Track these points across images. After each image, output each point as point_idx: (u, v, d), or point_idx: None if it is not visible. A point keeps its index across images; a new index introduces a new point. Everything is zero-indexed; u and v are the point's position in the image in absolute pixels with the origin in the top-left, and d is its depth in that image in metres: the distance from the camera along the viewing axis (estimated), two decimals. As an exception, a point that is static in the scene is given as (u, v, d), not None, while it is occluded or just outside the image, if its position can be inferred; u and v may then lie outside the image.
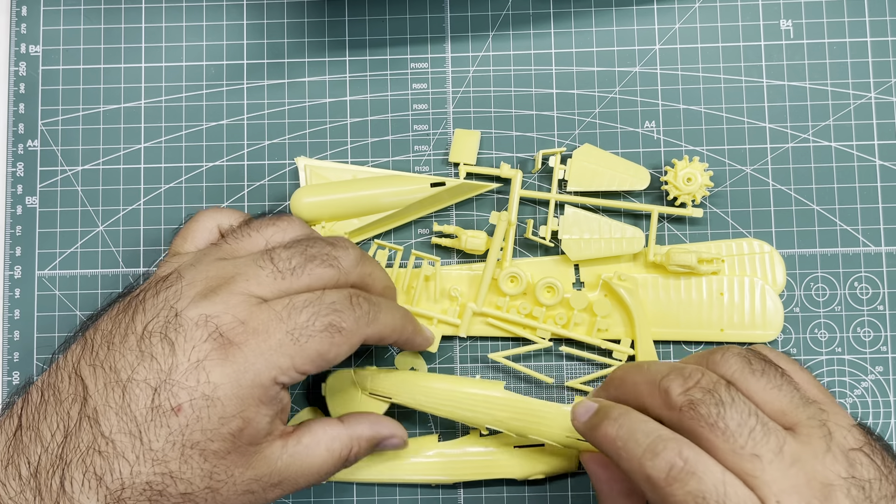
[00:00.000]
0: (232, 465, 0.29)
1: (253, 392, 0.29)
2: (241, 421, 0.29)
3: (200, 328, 0.29)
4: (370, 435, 0.35)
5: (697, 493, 0.26)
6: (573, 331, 0.40)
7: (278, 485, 0.31)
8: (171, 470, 0.28)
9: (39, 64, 0.43)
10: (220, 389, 0.28)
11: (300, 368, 0.30)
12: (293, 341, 0.30)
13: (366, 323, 0.32)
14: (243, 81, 0.42)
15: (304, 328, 0.30)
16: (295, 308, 0.30)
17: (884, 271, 0.41)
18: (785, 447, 0.27)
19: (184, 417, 0.28)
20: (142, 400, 0.28)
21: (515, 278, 0.39)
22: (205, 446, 0.28)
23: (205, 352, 0.29)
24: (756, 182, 0.41)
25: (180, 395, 0.28)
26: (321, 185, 0.40)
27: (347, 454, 0.33)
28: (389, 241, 0.41)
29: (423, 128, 0.42)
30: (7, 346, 0.41)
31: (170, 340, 0.29)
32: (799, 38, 0.42)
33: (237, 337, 0.29)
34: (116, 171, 0.42)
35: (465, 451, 0.39)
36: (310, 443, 0.32)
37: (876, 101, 0.41)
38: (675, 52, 0.42)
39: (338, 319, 0.30)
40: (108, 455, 0.28)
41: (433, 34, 0.42)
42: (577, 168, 0.40)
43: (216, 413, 0.28)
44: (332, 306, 0.31)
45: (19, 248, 0.42)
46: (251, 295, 0.30)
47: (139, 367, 0.28)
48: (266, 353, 0.29)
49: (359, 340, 0.31)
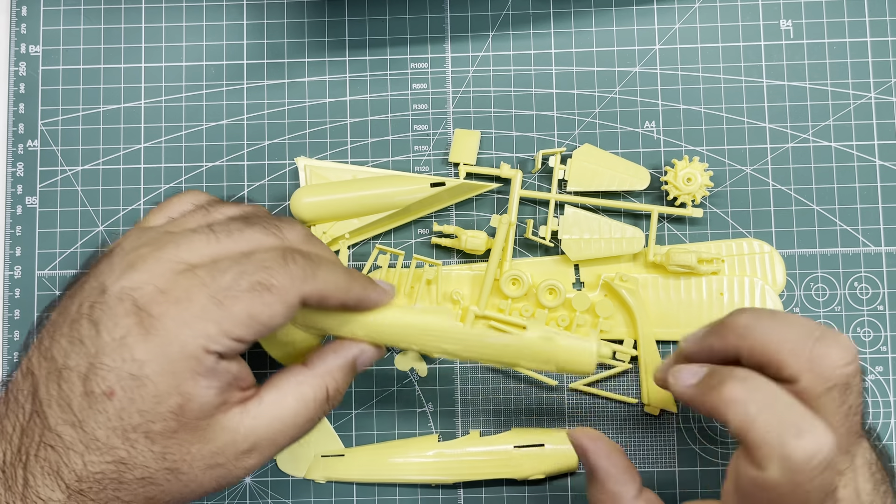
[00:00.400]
0: (185, 443, 0.27)
1: (184, 365, 0.27)
2: (180, 397, 0.27)
3: (122, 303, 0.27)
4: (340, 363, 0.32)
5: (830, 485, 0.25)
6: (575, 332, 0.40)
7: (251, 451, 0.29)
8: (122, 457, 0.27)
9: (39, 64, 0.43)
10: (146, 367, 0.27)
11: (232, 334, 0.27)
12: (217, 305, 0.27)
13: (301, 279, 0.29)
14: (243, 81, 0.42)
15: (229, 289, 0.28)
16: (219, 270, 0.28)
17: (884, 271, 0.41)
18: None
19: (117, 401, 0.27)
20: (76, 388, 0.27)
21: (517, 281, 0.39)
22: (147, 428, 0.27)
23: (126, 328, 0.27)
24: (756, 182, 0.41)
25: (109, 377, 0.27)
26: (321, 185, 0.40)
27: (323, 395, 0.31)
28: (389, 240, 0.41)
29: (422, 128, 0.42)
30: (7, 346, 0.41)
31: (94, 321, 0.27)
32: (799, 38, 0.42)
33: (157, 308, 0.27)
34: (116, 171, 0.42)
35: (465, 451, 0.39)
36: (274, 398, 0.30)
37: (876, 101, 0.41)
38: (674, 52, 0.42)
39: (266, 277, 0.28)
40: (58, 448, 0.27)
41: (433, 34, 0.42)
42: (577, 168, 0.40)
43: (148, 392, 0.27)
44: (260, 264, 0.28)
45: (19, 248, 0.42)
46: (178, 261, 0.28)
47: (71, 353, 0.27)
48: (190, 322, 0.27)
49: (296, 299, 0.29)
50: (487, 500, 0.40)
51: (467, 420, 0.40)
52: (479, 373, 0.41)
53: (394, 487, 0.40)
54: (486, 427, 0.40)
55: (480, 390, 0.41)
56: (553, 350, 0.33)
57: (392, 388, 0.41)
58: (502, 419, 0.40)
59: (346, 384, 0.32)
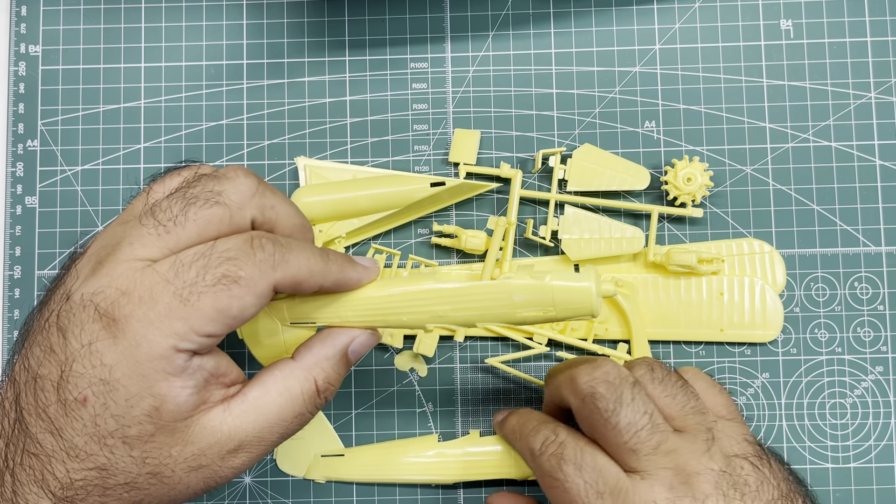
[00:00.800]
0: (164, 446, 0.27)
1: (153, 366, 0.26)
2: (153, 399, 0.26)
3: (85, 309, 0.27)
4: (329, 352, 0.30)
5: (559, 455, 0.31)
6: (570, 335, 0.40)
7: (238, 450, 0.28)
8: (102, 464, 0.26)
9: (39, 64, 0.42)
10: (115, 371, 0.26)
11: (201, 331, 0.26)
12: (182, 302, 0.26)
13: (270, 266, 0.27)
14: (243, 81, 0.42)
15: (194, 285, 0.26)
16: (182, 265, 0.27)
17: (884, 271, 0.41)
18: (664, 444, 0.30)
19: (91, 407, 0.26)
20: (51, 396, 0.26)
21: (515, 278, 0.39)
22: (124, 433, 0.26)
23: (93, 333, 0.26)
24: (756, 182, 0.41)
25: (81, 384, 0.26)
26: (321, 185, 0.40)
27: (312, 388, 0.29)
28: (389, 240, 0.41)
29: (422, 128, 0.42)
30: (7, 346, 0.41)
31: (62, 328, 0.27)
32: (799, 38, 0.42)
33: (121, 311, 0.26)
34: (116, 171, 0.42)
35: (465, 452, 0.39)
36: (258, 394, 0.29)
37: (876, 101, 0.41)
38: (675, 52, 0.42)
39: (233, 268, 0.27)
40: (41, 456, 0.26)
41: (433, 34, 0.42)
42: (577, 168, 0.40)
43: (120, 397, 0.26)
44: (224, 254, 0.27)
45: (19, 248, 0.42)
46: (135, 259, 0.27)
47: (43, 362, 0.27)
48: (156, 322, 0.26)
49: (266, 289, 0.28)
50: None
51: (467, 420, 0.40)
52: (479, 373, 0.41)
53: (394, 487, 0.40)
54: (486, 427, 0.40)
55: (480, 390, 0.41)
56: (548, 291, 0.30)
57: (392, 388, 0.41)
58: (502, 419, 0.40)
59: (339, 375, 0.31)
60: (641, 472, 0.30)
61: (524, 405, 0.40)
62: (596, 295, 0.30)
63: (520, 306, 0.30)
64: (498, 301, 0.30)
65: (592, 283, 0.30)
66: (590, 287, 0.30)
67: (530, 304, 0.30)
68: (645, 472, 0.30)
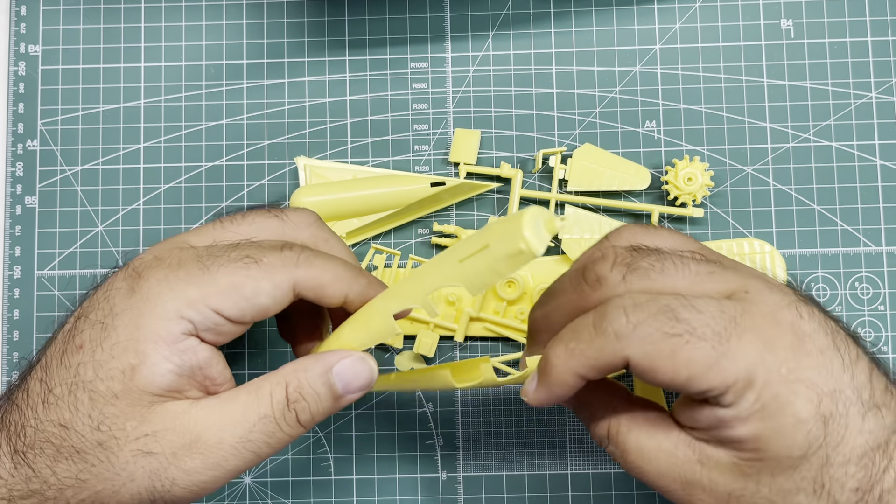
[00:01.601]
0: (121, 416, 0.26)
1: (152, 323, 0.26)
2: (134, 355, 0.26)
3: (124, 270, 0.28)
4: (311, 365, 0.28)
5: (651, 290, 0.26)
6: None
7: (192, 447, 0.26)
8: (64, 418, 0.26)
9: (39, 63, 0.42)
10: (118, 318, 0.26)
11: (211, 302, 0.26)
12: (202, 270, 0.27)
13: (294, 262, 0.27)
14: (243, 81, 0.42)
15: (217, 258, 0.27)
16: (217, 245, 0.28)
17: (884, 271, 0.40)
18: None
19: (82, 353, 0.26)
20: (58, 343, 0.27)
21: (513, 283, 0.39)
22: (94, 387, 0.26)
23: (117, 284, 0.27)
24: (757, 182, 0.41)
25: (85, 330, 0.27)
26: (321, 185, 0.40)
27: (282, 392, 0.27)
28: (389, 240, 0.41)
29: (423, 127, 0.42)
30: (6, 347, 0.41)
31: (96, 288, 0.28)
32: (800, 38, 0.42)
33: (148, 269, 0.27)
34: (116, 170, 0.42)
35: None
36: (230, 395, 0.27)
37: (877, 101, 0.41)
38: (675, 52, 0.42)
39: (257, 252, 0.27)
40: (22, 405, 0.27)
41: (433, 34, 0.42)
42: (578, 168, 0.40)
43: (108, 343, 0.26)
44: (256, 244, 0.28)
45: (18, 248, 0.42)
46: (184, 242, 0.29)
47: (69, 318, 0.28)
48: (172, 283, 0.27)
49: (285, 281, 0.27)
50: (488, 500, 0.40)
51: (467, 420, 0.40)
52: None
53: (393, 487, 0.40)
54: (487, 427, 0.40)
55: (480, 390, 0.41)
56: (486, 229, 0.26)
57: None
58: (503, 419, 0.40)
59: (315, 392, 0.28)
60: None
61: (524, 405, 0.40)
62: (528, 221, 0.24)
63: (460, 250, 0.26)
64: (447, 256, 0.27)
65: (528, 212, 0.24)
66: (521, 214, 0.24)
67: (468, 245, 0.26)
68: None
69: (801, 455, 0.25)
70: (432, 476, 0.40)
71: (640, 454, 0.27)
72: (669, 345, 0.24)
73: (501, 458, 0.40)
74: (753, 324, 0.25)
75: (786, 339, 0.25)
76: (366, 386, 0.28)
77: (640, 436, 0.27)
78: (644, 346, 0.25)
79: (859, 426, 0.25)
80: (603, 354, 0.25)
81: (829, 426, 0.25)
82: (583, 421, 0.29)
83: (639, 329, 0.25)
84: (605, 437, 0.28)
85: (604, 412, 0.28)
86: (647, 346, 0.25)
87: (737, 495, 0.26)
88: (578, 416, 0.30)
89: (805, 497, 0.25)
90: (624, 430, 0.27)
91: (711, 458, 0.26)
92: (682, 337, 0.25)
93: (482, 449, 0.40)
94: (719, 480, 0.26)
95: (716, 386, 0.25)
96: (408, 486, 0.40)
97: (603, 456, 0.40)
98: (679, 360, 0.24)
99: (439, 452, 0.40)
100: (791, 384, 0.25)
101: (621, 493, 0.40)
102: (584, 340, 0.25)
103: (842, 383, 0.25)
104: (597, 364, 0.25)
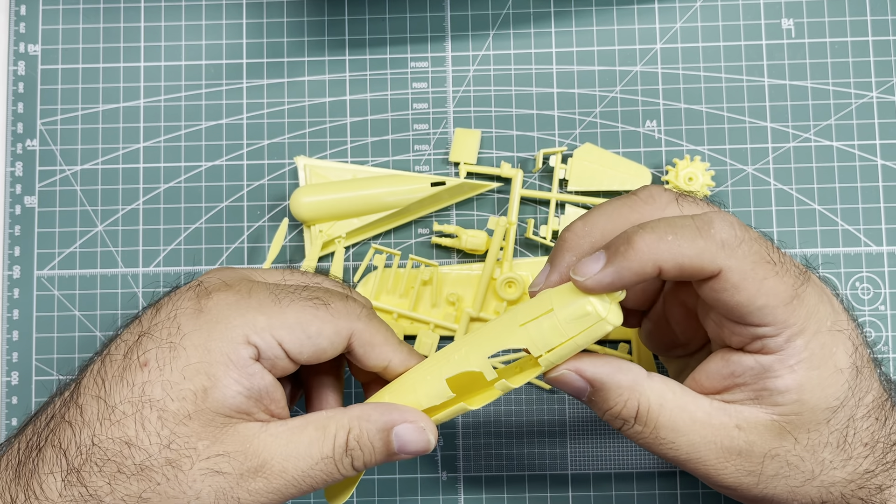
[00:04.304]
0: (193, 435, 0.26)
1: (221, 346, 0.27)
2: (206, 378, 0.27)
3: (190, 288, 0.29)
4: (374, 416, 0.28)
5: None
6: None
7: (259, 470, 0.27)
8: (128, 435, 0.26)
9: (38, 63, 0.42)
10: (187, 339, 0.27)
11: (276, 333, 0.27)
12: (274, 301, 0.28)
13: (356, 315, 0.29)
14: (243, 81, 0.42)
15: (289, 294, 0.28)
16: (286, 283, 0.30)
17: (885, 271, 0.40)
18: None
19: (147, 372, 0.26)
20: (116, 359, 0.27)
21: (513, 283, 0.39)
22: (164, 406, 0.26)
23: (184, 304, 0.28)
24: (757, 182, 0.41)
25: (149, 346, 0.27)
26: (321, 185, 0.40)
27: (343, 438, 0.28)
28: (389, 240, 0.41)
29: (423, 127, 0.42)
30: (6, 347, 0.41)
31: (158, 305, 0.28)
32: (800, 38, 0.42)
33: (217, 293, 0.28)
34: (115, 170, 0.42)
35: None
36: (299, 423, 0.28)
37: (878, 101, 0.41)
38: (676, 52, 0.42)
39: (327, 297, 0.29)
40: (75, 423, 0.27)
41: (433, 33, 0.42)
42: (578, 167, 0.40)
43: (179, 363, 0.27)
44: (326, 290, 0.30)
45: (18, 248, 0.41)
46: (249, 275, 0.30)
47: (125, 332, 0.28)
48: (242, 309, 0.27)
49: (346, 328, 0.29)
50: (487, 500, 0.40)
51: (468, 420, 0.40)
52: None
53: (394, 488, 0.40)
54: (487, 427, 0.40)
55: (481, 390, 0.41)
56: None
57: (392, 388, 0.41)
58: (503, 419, 0.40)
59: (370, 445, 0.28)
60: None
61: (524, 406, 0.40)
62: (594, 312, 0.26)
63: (519, 315, 0.28)
64: (507, 320, 0.28)
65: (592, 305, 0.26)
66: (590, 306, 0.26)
67: (529, 310, 0.27)
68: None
69: (837, 406, 0.26)
70: (432, 476, 0.40)
71: (673, 428, 0.27)
72: (764, 270, 0.26)
73: (501, 458, 0.40)
74: (812, 278, 0.28)
75: (826, 296, 0.28)
76: (419, 453, 0.29)
77: (673, 409, 0.27)
78: (743, 263, 0.25)
79: (873, 380, 0.27)
80: (701, 257, 0.26)
81: (859, 378, 0.27)
82: (598, 407, 0.28)
83: (744, 246, 0.26)
84: (632, 418, 0.27)
85: (630, 392, 0.28)
86: (745, 263, 0.25)
87: (772, 455, 0.27)
88: (592, 404, 0.29)
89: (829, 452, 0.27)
90: (656, 407, 0.27)
91: (749, 419, 0.27)
92: (775, 265, 0.26)
93: (482, 449, 0.40)
94: (757, 442, 0.27)
95: (781, 321, 0.26)
96: (408, 486, 0.40)
97: (603, 456, 0.40)
98: (764, 287, 0.25)
99: (439, 452, 0.40)
100: (835, 335, 0.27)
101: (621, 494, 0.40)
102: (685, 238, 0.26)
103: (860, 339, 0.27)
104: (689, 263, 0.26)
